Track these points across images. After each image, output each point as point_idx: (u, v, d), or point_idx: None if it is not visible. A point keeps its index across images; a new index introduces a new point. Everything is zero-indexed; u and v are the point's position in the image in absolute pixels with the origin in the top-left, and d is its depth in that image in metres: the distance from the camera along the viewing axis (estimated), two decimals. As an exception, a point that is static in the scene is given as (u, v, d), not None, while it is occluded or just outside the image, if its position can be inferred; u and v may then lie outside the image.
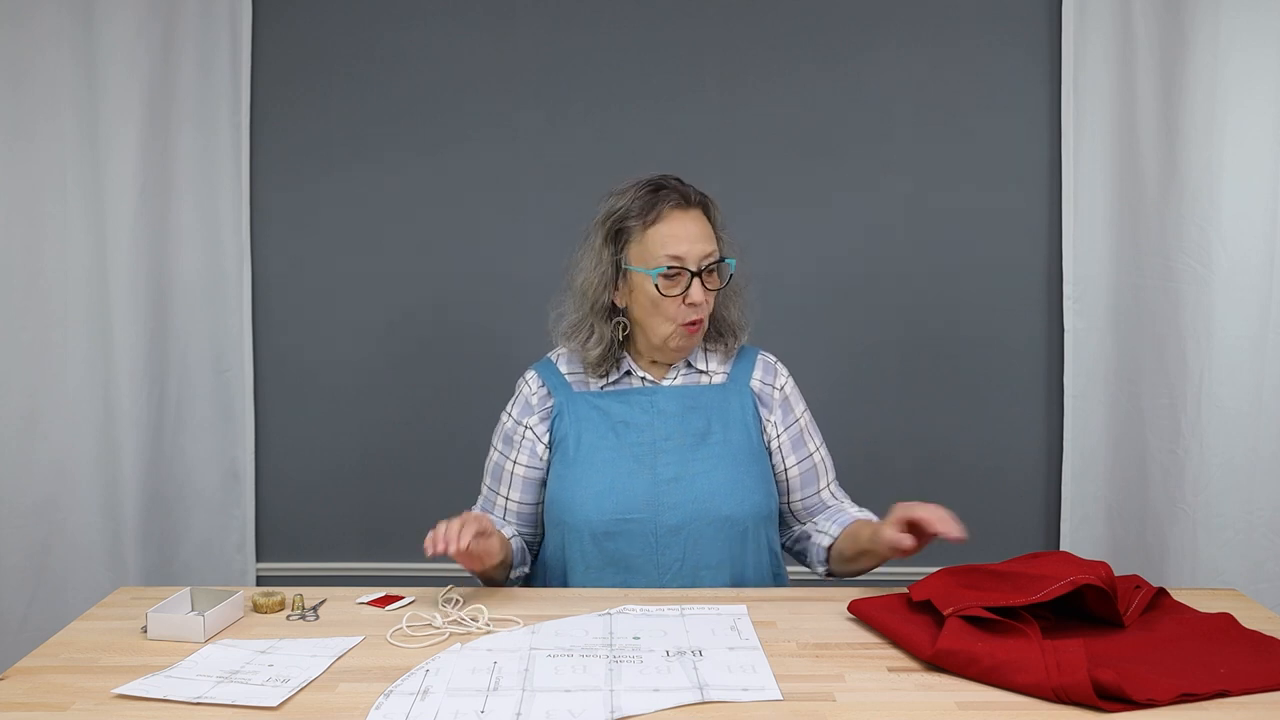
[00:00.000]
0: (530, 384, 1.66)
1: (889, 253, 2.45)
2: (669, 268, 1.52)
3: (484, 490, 1.69)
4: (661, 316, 1.55)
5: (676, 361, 1.63)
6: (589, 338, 1.60)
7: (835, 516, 1.63)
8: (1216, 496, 2.24)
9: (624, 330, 1.60)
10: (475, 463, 1.71)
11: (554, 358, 1.68)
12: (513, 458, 1.64)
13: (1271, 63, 2.18)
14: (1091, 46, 2.33)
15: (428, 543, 1.38)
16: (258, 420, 2.50)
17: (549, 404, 1.63)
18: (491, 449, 1.68)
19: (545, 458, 1.63)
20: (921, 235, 2.44)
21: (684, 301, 1.53)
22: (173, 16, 2.34)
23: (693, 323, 1.55)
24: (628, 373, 1.63)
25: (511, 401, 1.68)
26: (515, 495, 1.64)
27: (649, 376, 1.62)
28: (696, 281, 1.52)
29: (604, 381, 1.63)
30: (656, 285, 1.52)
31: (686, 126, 2.42)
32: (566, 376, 1.65)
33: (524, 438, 1.63)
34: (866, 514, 1.63)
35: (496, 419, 1.69)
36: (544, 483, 1.64)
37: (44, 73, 2.29)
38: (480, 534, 1.41)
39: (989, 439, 2.46)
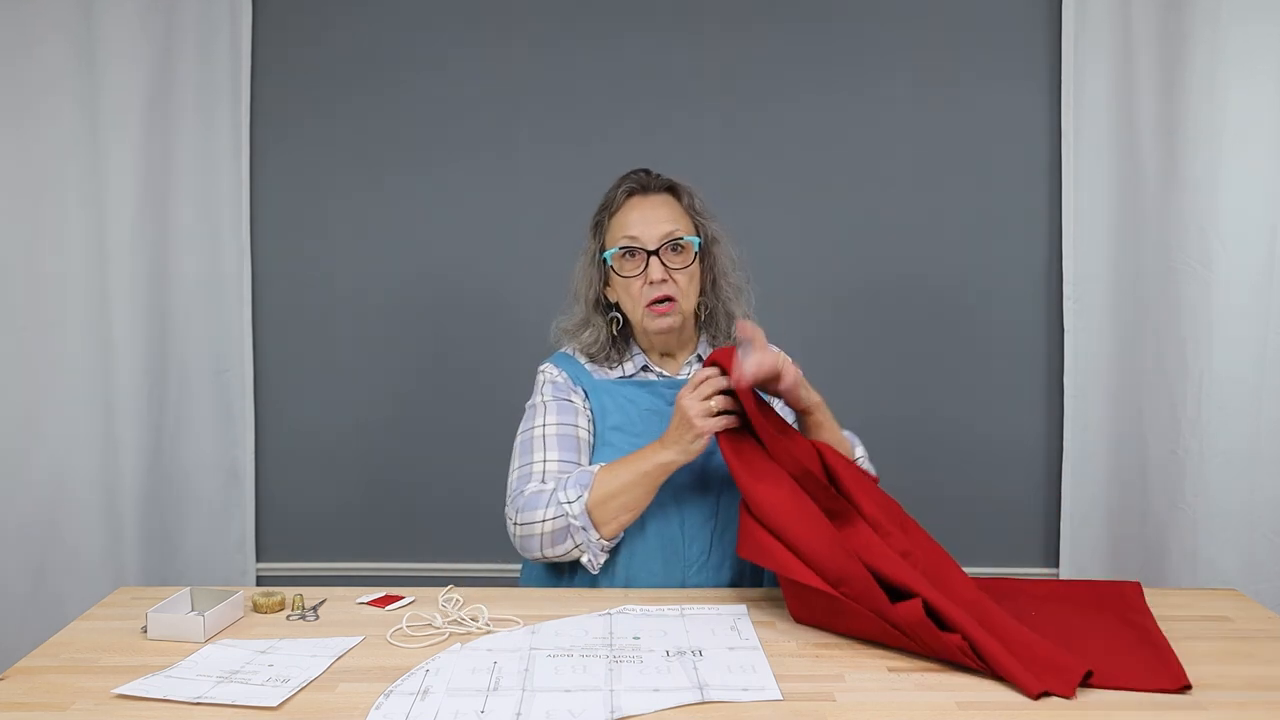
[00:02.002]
0: (550, 372, 1.64)
1: (889, 252, 2.45)
2: (622, 247, 1.57)
3: (552, 466, 1.52)
4: (631, 299, 1.58)
5: (670, 346, 1.64)
6: (586, 331, 1.64)
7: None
8: (1216, 496, 2.24)
9: (617, 325, 1.63)
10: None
11: (570, 352, 1.68)
12: (583, 425, 1.57)
13: (1271, 64, 2.18)
14: (1091, 47, 2.33)
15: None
16: (258, 420, 2.50)
17: (576, 385, 1.62)
18: (536, 428, 1.56)
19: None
20: (921, 235, 2.44)
21: (646, 281, 1.56)
22: (172, 14, 2.34)
23: (658, 300, 1.55)
24: (644, 367, 1.65)
25: (538, 390, 1.62)
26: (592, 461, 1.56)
27: (664, 372, 1.64)
28: (655, 259, 1.55)
29: (620, 373, 1.64)
30: (613, 267, 1.58)
31: (686, 127, 2.42)
32: (585, 366, 1.65)
33: (581, 406, 1.59)
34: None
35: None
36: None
37: (44, 73, 2.29)
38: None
39: (989, 439, 2.46)
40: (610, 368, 1.64)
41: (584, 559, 1.47)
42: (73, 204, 2.32)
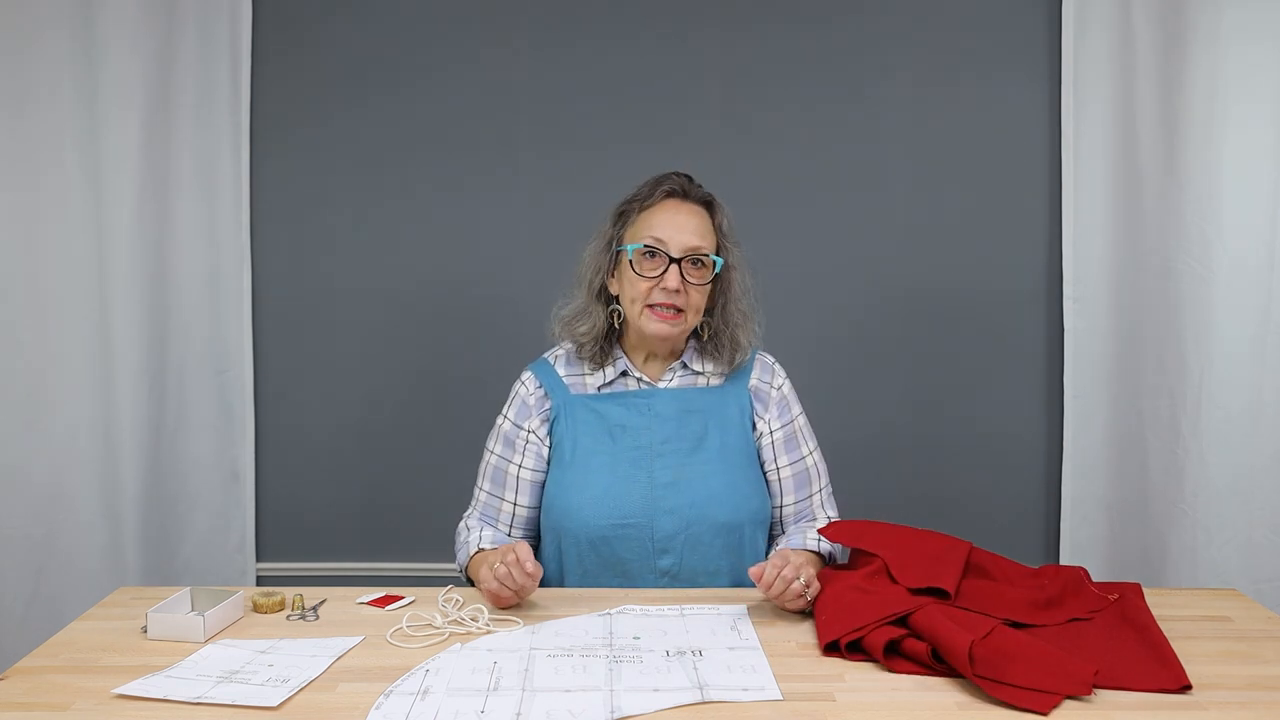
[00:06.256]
0: (527, 385, 1.65)
1: (889, 253, 2.45)
2: (646, 246, 1.55)
3: (482, 496, 1.65)
4: (635, 295, 1.56)
5: (660, 351, 1.63)
6: (583, 323, 1.61)
7: (794, 535, 1.60)
8: (1217, 496, 2.24)
9: (619, 318, 1.61)
10: (475, 463, 1.71)
11: (551, 359, 1.67)
12: (516, 461, 1.62)
13: (1271, 63, 2.18)
14: (1091, 47, 2.32)
15: (498, 601, 1.39)
16: (258, 420, 2.50)
17: (546, 405, 1.63)
18: (487, 452, 1.65)
19: (549, 459, 1.62)
20: (921, 235, 2.44)
21: (659, 285, 1.54)
22: (172, 14, 2.33)
23: (661, 305, 1.54)
24: (624, 373, 1.62)
25: (508, 404, 1.66)
26: (524, 500, 1.62)
27: (645, 378, 1.62)
28: (674, 268, 1.53)
29: (601, 381, 1.62)
30: (632, 261, 1.55)
31: (685, 128, 2.42)
32: (564, 378, 1.64)
33: (527, 441, 1.62)
34: (818, 547, 1.56)
35: (496, 419, 1.68)
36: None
37: (43, 72, 2.28)
38: (533, 573, 1.37)
39: (989, 439, 2.46)
40: (590, 371, 1.63)
41: None
42: (73, 204, 2.32)
